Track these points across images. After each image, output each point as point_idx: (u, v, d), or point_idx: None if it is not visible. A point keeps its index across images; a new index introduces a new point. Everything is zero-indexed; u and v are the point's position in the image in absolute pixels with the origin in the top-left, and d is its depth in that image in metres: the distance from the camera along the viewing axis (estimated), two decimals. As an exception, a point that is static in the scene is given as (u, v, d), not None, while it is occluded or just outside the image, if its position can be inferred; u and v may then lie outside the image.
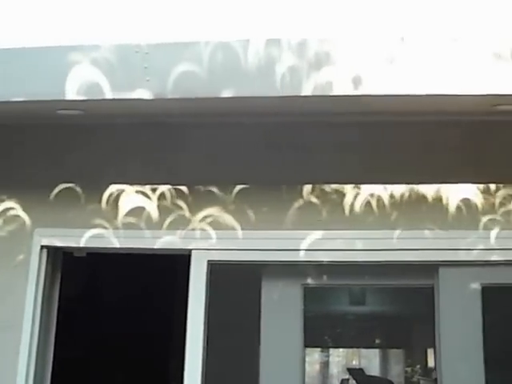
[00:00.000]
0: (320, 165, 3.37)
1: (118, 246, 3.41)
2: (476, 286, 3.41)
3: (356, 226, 3.38)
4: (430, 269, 3.43)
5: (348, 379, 7.66)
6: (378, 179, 3.38)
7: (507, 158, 3.47)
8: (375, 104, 3.06)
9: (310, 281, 3.46)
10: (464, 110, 3.38)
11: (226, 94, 2.92)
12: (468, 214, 3.42)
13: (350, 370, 7.89)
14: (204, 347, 3.32)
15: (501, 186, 3.44)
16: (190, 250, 3.42)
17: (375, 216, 3.37)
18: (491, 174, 3.46)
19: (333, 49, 2.90)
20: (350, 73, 2.90)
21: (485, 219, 3.41)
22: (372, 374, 8.38)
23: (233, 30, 3.02)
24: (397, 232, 3.35)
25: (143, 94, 2.95)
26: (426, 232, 3.38)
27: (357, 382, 7.84)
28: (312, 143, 3.35)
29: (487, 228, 3.39)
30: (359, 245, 3.34)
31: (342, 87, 2.90)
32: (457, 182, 3.44)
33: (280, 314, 3.42)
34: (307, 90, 2.87)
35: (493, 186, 3.46)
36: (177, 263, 3.61)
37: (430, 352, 4.12)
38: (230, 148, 3.43)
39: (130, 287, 6.34)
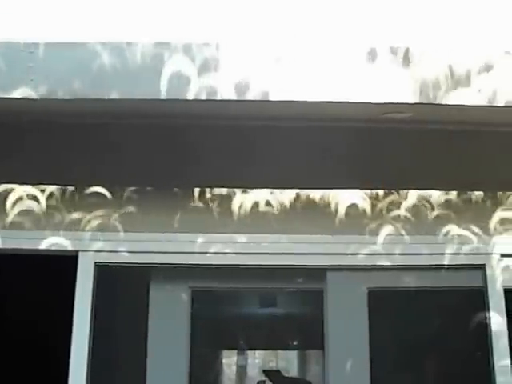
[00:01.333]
0: (208, 169, 3.51)
1: (1, 246, 3.46)
2: (363, 289, 3.61)
3: (245, 230, 3.53)
4: (319, 273, 3.61)
5: (264, 381, 7.82)
6: (266, 184, 3.55)
7: (395, 165, 3.70)
8: (262, 109, 3.24)
9: (198, 284, 3.60)
10: (353, 117, 3.59)
11: (113, 95, 3.03)
12: (355, 219, 3.62)
13: (267, 372, 8.05)
14: (90, 350, 3.40)
15: (388, 192, 3.67)
16: (77, 252, 3.50)
17: (264, 220, 3.54)
18: (379, 181, 3.68)
19: (219, 53, 3.05)
20: (235, 78, 3.06)
21: (372, 224, 3.63)
22: (290, 375, 8.58)
23: (121, 31, 3.12)
24: (285, 236, 3.53)
25: (27, 93, 3.02)
26: (314, 237, 3.56)
27: (273, 383, 8.02)
28: (200, 147, 3.49)
29: (374, 233, 3.60)
30: (248, 248, 3.50)
31: (226, 92, 3.05)
32: (345, 188, 3.64)
33: (167, 316, 3.55)
34: (192, 93, 3.00)
35: (380, 193, 3.68)
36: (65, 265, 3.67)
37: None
38: (118, 150, 3.53)
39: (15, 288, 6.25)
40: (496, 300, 3.56)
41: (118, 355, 3.59)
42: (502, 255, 3.65)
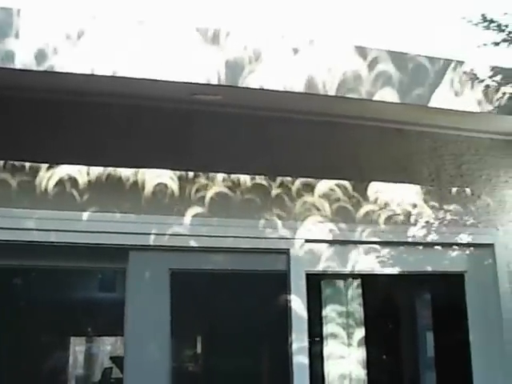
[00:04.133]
0: (12, 141, 3.61)
1: None
2: (165, 270, 3.85)
3: (47, 206, 3.65)
4: (121, 252, 3.81)
5: (111, 367, 7.97)
6: (73, 160, 3.69)
7: (205, 147, 3.98)
8: (65, 82, 3.38)
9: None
10: (164, 97, 3.82)
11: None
12: (163, 199, 3.84)
13: (113, 359, 8.20)
14: None
15: (197, 174, 3.94)
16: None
17: (67, 197, 3.67)
18: (190, 162, 3.94)
19: (17, 19, 3.17)
20: (35, 47, 3.19)
21: (179, 205, 3.87)
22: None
23: None
24: (87, 214, 3.69)
25: None
26: (119, 215, 3.75)
27: (120, 370, 8.18)
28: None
29: (180, 214, 3.85)
30: (49, 225, 3.62)
31: (24, 60, 3.17)
32: (154, 167, 3.86)
33: None
34: None
35: (190, 174, 3.95)
36: None
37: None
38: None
39: None
40: (298, 284, 3.93)
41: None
42: (306, 240, 4.01)
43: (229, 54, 3.41)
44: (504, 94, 4.08)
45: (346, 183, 4.06)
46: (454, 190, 4.40)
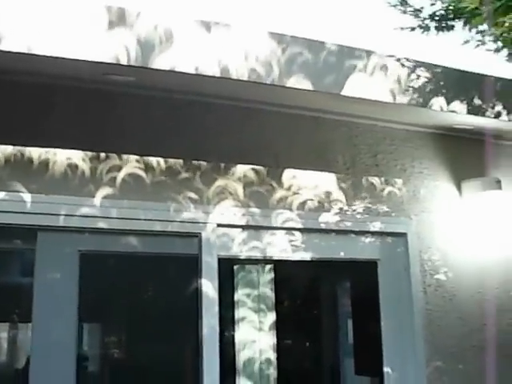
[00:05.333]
0: None
1: None
2: (74, 251, 3.92)
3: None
4: (30, 233, 3.86)
5: None
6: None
7: (120, 128, 4.06)
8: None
9: None
10: (77, 76, 3.88)
11: None
12: (73, 180, 3.89)
13: None
14: None
15: (109, 155, 4.02)
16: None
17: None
18: (102, 143, 4.01)
19: None
20: None
21: (89, 186, 3.94)
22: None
23: None
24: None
25: None
26: (26, 195, 3.80)
27: None
28: None
29: (91, 195, 3.92)
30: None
31: None
32: (65, 148, 3.92)
33: None
34: None
35: (103, 155, 4.03)
36: None
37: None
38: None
39: None
40: (210, 268, 4.04)
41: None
42: (219, 225, 4.14)
43: (139, 33, 3.49)
44: (417, 84, 4.26)
45: (261, 169, 4.19)
46: (369, 178, 4.58)
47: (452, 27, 5.00)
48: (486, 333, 4.80)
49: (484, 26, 4.28)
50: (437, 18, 4.75)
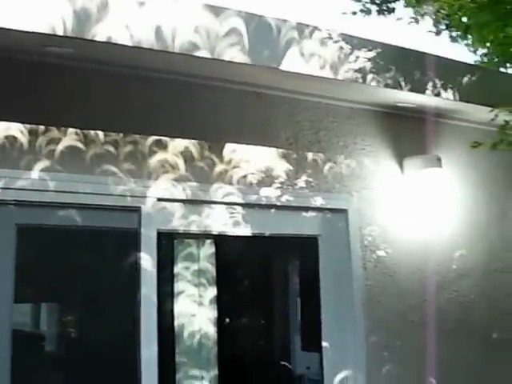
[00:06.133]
0: None
1: None
2: (11, 225, 3.94)
3: None
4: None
5: None
6: None
7: (59, 100, 4.09)
8: None
9: None
10: (15, 47, 3.85)
11: None
12: (11, 152, 3.90)
13: None
14: None
15: (48, 127, 4.05)
16: None
17: None
18: (41, 115, 4.01)
19: None
20: None
21: (27, 159, 3.97)
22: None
23: None
24: None
25: None
26: (-38, 168, 3.78)
27: None
28: None
29: (29, 168, 3.93)
30: None
31: None
32: (3, 120, 3.93)
33: None
34: None
35: (41, 127, 4.05)
36: None
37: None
38: None
39: None
40: (149, 242, 4.10)
41: None
42: (159, 199, 4.21)
43: (75, 3, 3.53)
44: (357, 61, 4.39)
45: (202, 143, 4.26)
46: (311, 155, 4.69)
47: (393, 10, 5.14)
48: (426, 309, 4.96)
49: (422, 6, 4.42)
50: (377, 2, 4.88)
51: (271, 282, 5.29)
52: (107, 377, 3.87)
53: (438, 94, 4.76)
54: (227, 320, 4.65)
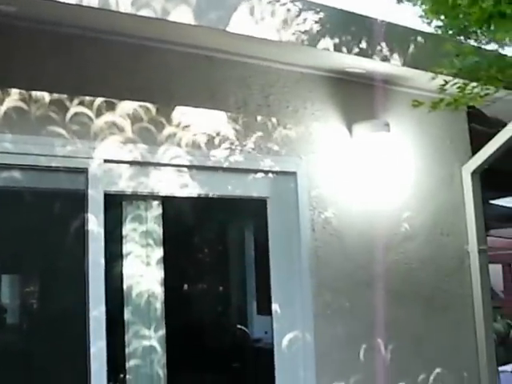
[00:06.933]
0: None
1: None
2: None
3: None
4: None
5: None
6: None
7: (3, 60, 3.96)
8: None
9: None
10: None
11: None
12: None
13: None
14: None
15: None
16: None
17: None
18: None
19: None
20: None
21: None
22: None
23: None
24: None
25: None
26: None
27: None
28: None
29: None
30: None
31: None
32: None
33: None
34: None
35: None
36: None
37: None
38: None
39: None
40: (96, 203, 4.07)
41: None
42: (106, 160, 4.16)
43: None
44: (304, 24, 4.36)
45: (151, 106, 4.21)
46: (260, 118, 4.67)
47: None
48: (373, 270, 5.01)
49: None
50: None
51: (219, 243, 5.29)
52: (55, 338, 3.84)
53: (385, 59, 4.75)
54: (174, 280, 4.64)
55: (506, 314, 16.25)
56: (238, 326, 5.62)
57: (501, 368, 7.86)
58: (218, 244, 5.39)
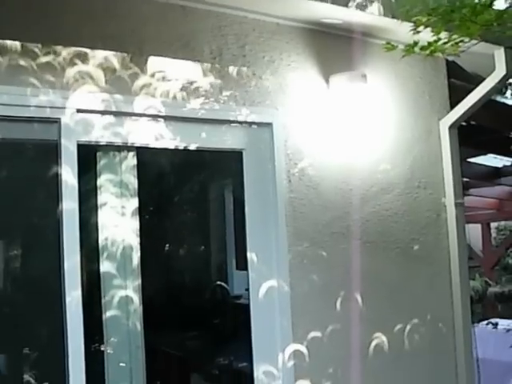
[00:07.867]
0: None
1: None
2: None
3: None
4: None
5: None
6: None
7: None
8: None
9: None
10: None
11: None
12: None
13: None
14: None
15: None
16: None
17: None
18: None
19: None
20: None
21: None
22: None
23: None
24: None
25: None
26: None
27: None
28: None
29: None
30: None
31: None
32: None
33: None
34: None
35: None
36: None
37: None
38: None
39: None
40: (69, 154, 4.01)
41: None
42: (78, 110, 4.08)
43: None
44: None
45: (124, 55, 4.12)
46: (235, 69, 4.59)
47: None
48: (348, 221, 4.99)
49: None
50: None
51: (195, 195, 5.24)
52: (30, 289, 3.80)
53: (361, 8, 4.64)
54: (149, 230, 4.61)
55: (485, 273, 16.40)
56: (217, 281, 5.59)
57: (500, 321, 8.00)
58: (194, 196, 5.34)
